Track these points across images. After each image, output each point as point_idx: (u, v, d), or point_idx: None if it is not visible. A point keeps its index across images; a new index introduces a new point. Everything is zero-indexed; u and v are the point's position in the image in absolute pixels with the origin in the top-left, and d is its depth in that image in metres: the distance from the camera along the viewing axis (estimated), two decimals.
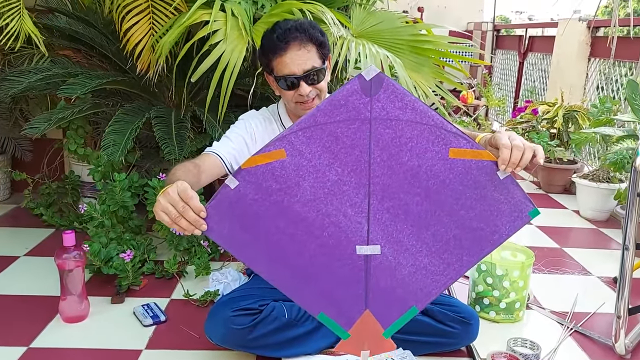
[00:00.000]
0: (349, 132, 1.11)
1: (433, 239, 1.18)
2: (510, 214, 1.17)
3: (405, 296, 1.20)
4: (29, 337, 1.71)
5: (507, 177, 1.17)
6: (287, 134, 1.10)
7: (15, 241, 2.44)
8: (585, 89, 3.83)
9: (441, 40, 2.46)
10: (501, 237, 1.19)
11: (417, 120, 1.11)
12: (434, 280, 1.19)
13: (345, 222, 1.15)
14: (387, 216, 1.15)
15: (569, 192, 3.56)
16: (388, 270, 1.18)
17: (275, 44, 1.49)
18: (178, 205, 1.11)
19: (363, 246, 1.16)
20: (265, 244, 1.15)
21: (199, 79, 2.16)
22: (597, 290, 2.20)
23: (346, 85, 1.09)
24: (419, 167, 1.13)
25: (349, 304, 1.20)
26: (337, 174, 1.13)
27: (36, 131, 2.16)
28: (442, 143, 1.12)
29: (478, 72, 5.67)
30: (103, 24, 2.50)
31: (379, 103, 1.09)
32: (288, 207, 1.13)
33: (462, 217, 1.17)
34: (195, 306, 1.93)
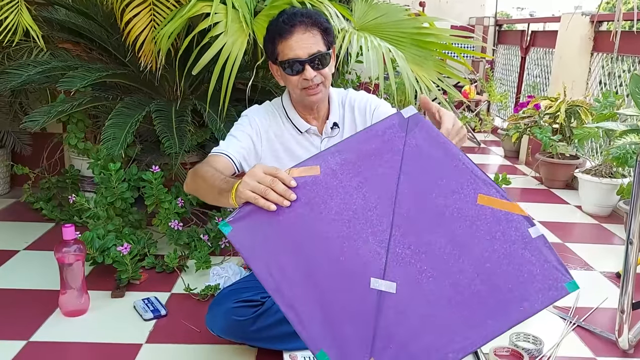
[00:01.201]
0: (382, 162, 1.14)
1: (454, 290, 1.09)
2: (543, 281, 1.08)
3: (416, 354, 1.09)
4: (29, 330, 1.70)
5: (539, 237, 1.10)
6: (322, 154, 1.15)
7: (15, 235, 2.43)
8: (587, 83, 3.81)
9: (444, 33, 2.45)
10: (532, 307, 1.08)
11: (449, 161, 1.13)
12: (450, 341, 1.08)
13: (364, 250, 1.12)
14: (407, 252, 1.12)
15: (571, 187, 3.54)
16: (401, 316, 1.10)
17: (281, 27, 1.49)
18: (266, 180, 1.13)
19: (378, 280, 1.11)
20: (280, 256, 1.13)
21: (200, 72, 2.14)
22: (600, 286, 2.19)
23: (386, 119, 1.15)
24: (446, 206, 1.12)
25: (354, 347, 1.10)
26: (364, 199, 1.14)
27: (36, 124, 2.15)
28: (471, 187, 1.12)
29: (480, 67, 5.65)
30: (103, 17, 2.48)
31: (414, 140, 1.14)
32: (311, 222, 1.13)
33: (487, 270, 1.09)
34: (196, 300, 1.92)
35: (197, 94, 2.54)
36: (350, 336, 1.11)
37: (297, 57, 1.48)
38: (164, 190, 2.17)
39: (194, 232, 2.27)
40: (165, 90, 2.55)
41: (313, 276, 1.12)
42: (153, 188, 2.14)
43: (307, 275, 1.12)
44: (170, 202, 2.19)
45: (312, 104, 1.58)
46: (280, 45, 1.50)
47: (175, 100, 2.43)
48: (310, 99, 1.54)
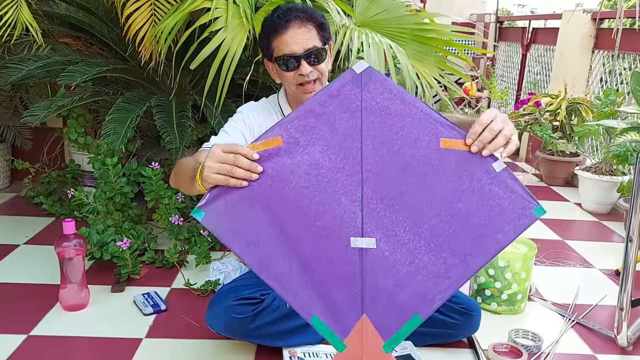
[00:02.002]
0: (342, 121, 1.15)
1: (431, 234, 1.13)
2: (513, 212, 1.12)
3: (406, 301, 1.12)
4: (29, 325, 1.70)
5: (503, 170, 1.14)
6: (283, 122, 1.15)
7: (15, 230, 2.43)
8: (588, 81, 3.80)
9: (445, 29, 2.44)
10: (506, 237, 1.12)
11: (407, 110, 1.14)
12: (436, 284, 1.12)
13: (339, 211, 1.14)
14: (381, 206, 1.14)
15: (571, 184, 3.55)
16: (385, 268, 1.12)
17: (276, 23, 1.49)
18: (228, 158, 1.12)
19: (358, 238, 1.13)
20: (257, 232, 1.13)
21: (201, 67, 2.14)
22: (599, 283, 2.20)
23: (339, 78, 1.14)
24: (412, 156, 1.14)
25: (345, 307, 1.12)
26: (330, 161, 1.14)
27: (36, 119, 2.15)
28: (432, 133, 1.14)
29: (481, 63, 5.64)
30: (103, 12, 2.47)
31: (369, 94, 1.14)
32: (283, 194, 1.14)
33: (460, 210, 1.13)
34: (196, 295, 1.92)
35: (198, 89, 2.54)
36: (339, 298, 1.13)
37: (292, 52, 1.47)
38: (164, 186, 2.18)
39: (194, 227, 2.27)
40: (165, 85, 2.55)
41: (293, 246, 1.13)
42: (153, 184, 2.14)
43: (287, 245, 1.13)
44: (170, 198, 2.19)
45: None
46: (275, 40, 1.49)
47: (176, 95, 2.43)
48: (306, 95, 1.54)
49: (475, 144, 1.12)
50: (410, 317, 1.12)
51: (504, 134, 1.13)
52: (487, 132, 1.12)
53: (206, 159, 1.15)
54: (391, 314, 1.13)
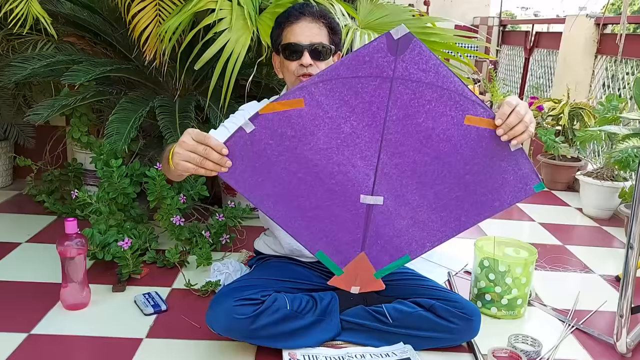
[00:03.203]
0: (369, 89, 1.12)
1: (435, 197, 1.21)
2: (515, 185, 1.20)
3: (400, 245, 1.25)
4: (29, 323, 1.71)
5: (518, 150, 1.19)
6: (307, 84, 1.11)
7: (17, 228, 2.43)
8: (591, 86, 3.80)
9: (448, 33, 2.45)
10: (502, 205, 1.22)
11: (438, 84, 1.11)
12: (429, 235, 1.24)
13: (353, 172, 1.18)
14: (394, 171, 1.18)
15: (573, 189, 3.55)
16: (388, 220, 1.22)
17: (290, 12, 1.54)
18: (199, 149, 1.13)
19: (367, 196, 1.20)
20: (273, 185, 1.18)
21: (204, 68, 2.15)
22: (599, 289, 2.20)
23: (373, 42, 1.09)
24: (433, 129, 1.15)
25: (347, 246, 1.25)
26: (351, 127, 1.14)
27: (40, 118, 2.16)
28: (459, 109, 1.14)
29: (483, 67, 5.64)
30: (108, 11, 2.48)
31: (403, 63, 1.09)
32: (300, 153, 1.16)
33: (467, 181, 1.20)
34: (197, 296, 1.93)
35: (201, 90, 2.55)
36: (342, 239, 1.24)
37: (298, 41, 1.51)
38: (166, 187, 2.18)
39: (195, 228, 2.27)
40: (169, 86, 2.56)
41: (306, 195, 1.20)
42: (156, 184, 2.15)
43: (299, 194, 1.20)
44: (172, 198, 2.19)
45: None
46: (285, 29, 1.54)
47: (179, 95, 2.43)
48: None
49: (502, 128, 1.16)
50: (401, 257, 1.27)
51: (524, 122, 1.17)
52: (514, 116, 1.16)
53: (177, 145, 1.16)
54: (385, 252, 1.26)
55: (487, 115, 1.16)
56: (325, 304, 1.59)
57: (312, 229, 1.23)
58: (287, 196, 1.20)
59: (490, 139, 1.17)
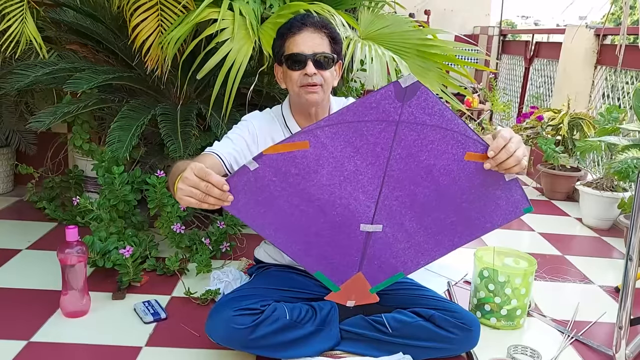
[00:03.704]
0: (375, 131, 1.14)
1: (432, 223, 1.26)
2: (506, 209, 1.26)
3: (396, 264, 1.31)
4: (29, 331, 1.71)
5: (512, 180, 1.25)
6: (313, 129, 1.13)
7: (18, 234, 2.44)
8: (591, 96, 3.82)
9: (448, 45, 2.46)
10: (493, 226, 1.29)
11: (443, 126, 1.15)
12: (424, 255, 1.30)
13: (354, 205, 1.21)
14: (395, 203, 1.22)
15: (572, 199, 3.55)
16: (385, 244, 1.27)
17: (292, 24, 1.56)
18: (200, 186, 1.15)
19: (367, 225, 1.24)
20: (275, 215, 1.21)
21: (206, 77, 2.16)
22: (599, 299, 2.20)
23: (381, 90, 1.11)
24: (434, 165, 1.19)
25: (345, 267, 1.30)
26: (355, 166, 1.17)
27: (42, 125, 2.17)
28: (461, 147, 1.18)
29: (483, 76, 5.66)
30: (111, 20, 2.50)
31: (410, 109, 1.12)
32: (303, 188, 1.18)
33: (463, 208, 1.25)
34: (196, 304, 1.93)
35: (203, 98, 2.56)
36: (341, 261, 1.29)
37: (301, 51, 1.53)
38: (167, 194, 2.19)
39: (195, 236, 2.28)
40: (171, 94, 2.57)
41: (309, 228, 1.24)
42: (156, 192, 2.15)
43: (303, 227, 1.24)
44: (172, 206, 2.20)
45: (309, 105, 1.59)
46: (288, 40, 1.56)
47: (181, 103, 2.44)
48: (308, 97, 1.56)
49: (489, 162, 1.20)
50: (395, 274, 1.32)
51: (515, 156, 1.20)
52: (504, 152, 1.19)
53: (179, 180, 1.18)
54: (381, 271, 1.32)
55: (486, 150, 1.20)
56: (324, 314, 1.59)
57: (312, 252, 1.27)
58: (289, 225, 1.23)
59: (487, 172, 1.22)
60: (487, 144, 1.20)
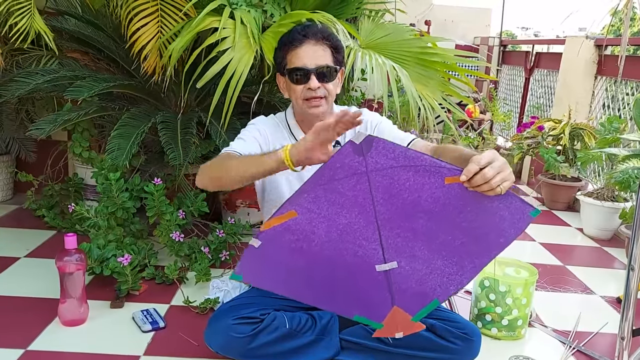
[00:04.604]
0: (350, 186, 1.23)
1: (442, 246, 1.29)
2: (512, 218, 1.26)
3: (426, 291, 1.33)
4: (27, 339, 1.70)
5: None
6: (293, 198, 1.23)
7: (17, 242, 2.43)
8: (591, 106, 3.82)
9: (448, 53, 2.47)
10: (507, 240, 1.29)
11: (410, 164, 1.22)
12: (449, 279, 1.32)
13: (362, 251, 1.28)
14: (398, 240, 1.28)
15: (573, 209, 3.54)
16: (406, 276, 1.31)
17: (293, 36, 1.54)
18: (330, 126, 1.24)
19: (382, 264, 1.29)
20: (295, 279, 1.30)
21: (206, 85, 2.16)
22: (600, 310, 2.19)
23: (339, 151, 1.20)
24: (420, 198, 1.25)
25: (379, 305, 1.34)
26: (346, 219, 1.25)
27: (42, 132, 2.16)
28: (437, 176, 1.23)
29: (484, 86, 5.67)
30: (112, 28, 2.51)
31: (372, 159, 1.21)
32: (309, 250, 1.27)
33: (465, 227, 1.27)
34: (195, 313, 1.92)
35: (203, 106, 2.56)
36: (373, 301, 1.33)
37: (304, 65, 1.52)
38: (165, 202, 2.18)
39: (194, 244, 2.27)
40: (171, 102, 2.57)
41: (328, 282, 1.31)
42: (155, 200, 2.15)
43: (321, 283, 1.31)
44: (171, 214, 2.19)
45: (313, 117, 1.59)
46: (289, 53, 1.54)
47: (181, 112, 2.44)
48: (312, 110, 1.55)
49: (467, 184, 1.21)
50: (431, 302, 1.35)
51: (490, 184, 1.18)
52: (479, 177, 1.18)
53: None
54: (415, 301, 1.34)
55: (459, 173, 1.24)
56: (324, 323, 1.57)
57: (343, 301, 1.34)
58: (311, 284, 1.31)
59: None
60: (460, 168, 1.21)
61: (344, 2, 2.42)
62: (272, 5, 2.27)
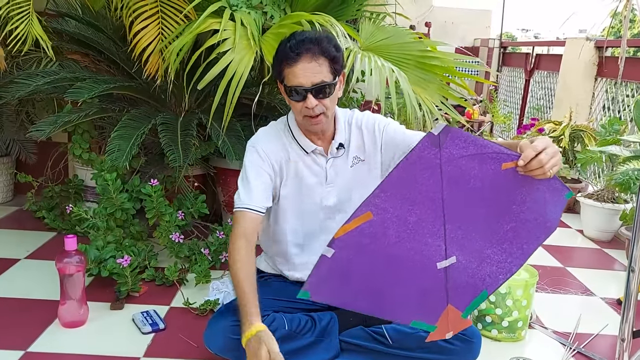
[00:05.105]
0: (423, 180, 1.21)
1: (493, 233, 1.32)
2: (552, 201, 1.32)
3: (476, 283, 1.35)
4: (26, 341, 1.70)
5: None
6: (370, 199, 1.20)
7: (17, 244, 2.43)
8: (591, 108, 3.82)
9: (448, 57, 2.46)
10: (553, 224, 1.35)
11: (478, 151, 1.23)
12: (499, 267, 1.35)
13: (427, 249, 1.27)
14: (460, 232, 1.29)
15: (573, 211, 3.54)
16: (461, 271, 1.33)
17: (287, 54, 1.49)
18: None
19: (443, 261, 1.30)
20: (360, 287, 1.28)
21: (207, 87, 2.16)
22: (600, 311, 2.18)
23: (418, 144, 1.18)
24: (482, 186, 1.26)
25: (435, 307, 1.35)
26: (416, 216, 1.24)
27: (42, 134, 2.16)
28: (497, 162, 1.26)
29: (484, 87, 5.67)
30: (112, 30, 2.51)
31: (447, 149, 1.20)
32: (379, 253, 1.25)
33: (515, 211, 1.31)
34: (195, 315, 1.92)
35: (203, 108, 2.56)
36: (430, 302, 1.34)
37: (300, 84, 1.48)
38: (164, 203, 2.18)
39: (195, 245, 2.27)
40: (171, 104, 2.57)
41: (395, 286, 1.31)
42: (153, 201, 2.15)
43: (389, 287, 1.31)
44: (171, 215, 2.19)
45: (314, 130, 1.59)
46: (285, 70, 1.50)
47: (181, 113, 2.45)
48: (312, 127, 1.55)
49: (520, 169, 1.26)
50: (480, 293, 1.36)
51: (543, 169, 1.24)
52: (535, 162, 1.23)
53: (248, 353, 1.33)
54: (466, 294, 1.36)
55: (517, 158, 1.28)
56: (324, 325, 1.57)
57: (403, 307, 1.34)
58: (376, 291, 1.30)
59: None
60: (519, 154, 1.26)
61: (344, 4, 2.42)
62: (272, 7, 2.27)
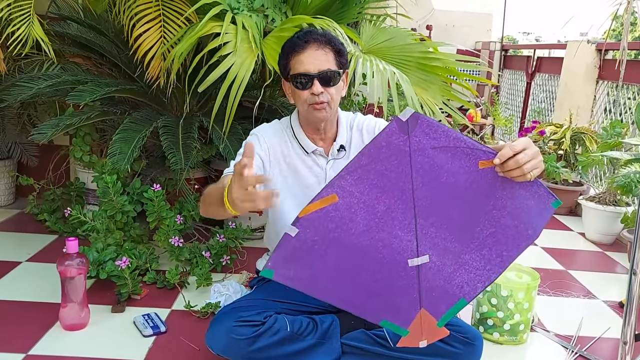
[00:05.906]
0: (392, 167, 1.19)
1: (471, 238, 1.28)
2: (537, 208, 1.27)
3: (453, 290, 1.31)
4: (28, 343, 1.69)
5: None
6: (335, 180, 1.18)
7: (18, 246, 2.43)
8: (592, 111, 3.82)
9: (450, 58, 2.46)
10: (535, 232, 1.29)
11: (450, 145, 1.20)
12: (477, 275, 1.31)
13: (396, 243, 1.24)
14: (432, 229, 1.25)
15: (575, 214, 3.54)
16: (436, 272, 1.29)
17: (295, 43, 1.54)
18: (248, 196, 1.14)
19: (414, 258, 1.26)
20: (327, 274, 1.25)
21: (208, 90, 2.16)
22: (602, 314, 2.18)
23: (385, 129, 1.17)
24: (456, 182, 1.23)
25: (407, 307, 1.31)
26: (385, 205, 1.21)
27: (44, 137, 2.17)
28: (473, 159, 1.22)
29: (485, 90, 5.67)
30: (114, 33, 2.51)
31: (416, 138, 1.18)
32: (345, 240, 1.22)
33: (495, 216, 1.27)
34: (196, 318, 1.91)
35: (204, 111, 2.56)
36: (401, 303, 1.29)
37: (306, 71, 1.51)
38: (165, 207, 2.18)
39: (195, 248, 2.27)
40: (173, 107, 2.57)
41: (361, 278, 1.26)
42: (155, 205, 2.15)
43: (355, 278, 1.26)
44: (171, 219, 2.19)
45: (318, 122, 1.59)
46: (292, 59, 1.54)
47: (183, 116, 2.45)
48: (316, 114, 1.56)
49: (497, 168, 1.22)
50: (457, 301, 1.32)
51: (521, 169, 1.20)
52: (512, 162, 1.20)
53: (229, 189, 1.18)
54: (441, 301, 1.32)
55: (493, 156, 1.24)
56: (325, 327, 1.57)
57: (372, 303, 1.30)
58: (342, 281, 1.26)
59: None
60: (496, 151, 1.22)
61: (345, 7, 2.42)
62: (274, 10, 2.28)
